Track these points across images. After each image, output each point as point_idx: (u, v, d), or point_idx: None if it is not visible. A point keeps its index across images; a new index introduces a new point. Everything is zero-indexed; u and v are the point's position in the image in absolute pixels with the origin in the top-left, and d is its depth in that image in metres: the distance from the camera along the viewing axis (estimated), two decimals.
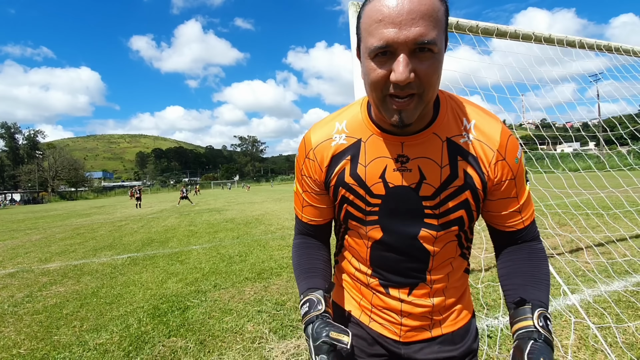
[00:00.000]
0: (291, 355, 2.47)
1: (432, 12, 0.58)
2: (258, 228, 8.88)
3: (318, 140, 0.80)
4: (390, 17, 0.57)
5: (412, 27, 0.57)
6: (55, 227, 12.27)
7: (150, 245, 7.41)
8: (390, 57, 0.60)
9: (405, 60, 0.58)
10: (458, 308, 0.86)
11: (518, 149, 0.76)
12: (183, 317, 3.25)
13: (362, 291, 0.88)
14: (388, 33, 0.58)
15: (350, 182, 0.78)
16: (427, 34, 0.57)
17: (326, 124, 0.82)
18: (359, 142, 0.77)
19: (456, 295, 0.86)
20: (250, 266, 4.99)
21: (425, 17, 0.57)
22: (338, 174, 0.79)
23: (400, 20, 0.57)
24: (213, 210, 15.36)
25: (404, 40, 0.57)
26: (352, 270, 0.89)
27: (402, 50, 0.58)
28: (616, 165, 4.22)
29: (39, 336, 3.03)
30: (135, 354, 2.62)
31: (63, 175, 68.97)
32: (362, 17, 0.64)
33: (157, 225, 11.09)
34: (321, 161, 0.80)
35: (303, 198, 0.88)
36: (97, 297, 4.02)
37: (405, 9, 0.57)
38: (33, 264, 6.18)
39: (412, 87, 0.61)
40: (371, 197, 0.77)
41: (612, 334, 2.42)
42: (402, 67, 0.58)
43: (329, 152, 0.79)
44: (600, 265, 3.79)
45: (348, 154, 0.78)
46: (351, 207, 0.80)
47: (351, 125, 0.79)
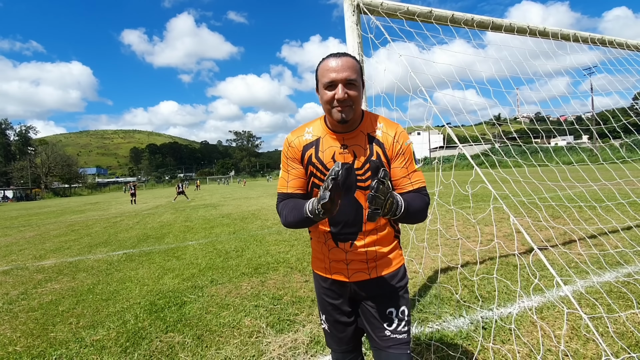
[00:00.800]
0: (288, 349, 2.49)
1: (352, 66, 1.16)
2: (254, 223, 8.88)
3: (295, 137, 1.31)
4: (332, 67, 1.15)
5: (343, 72, 1.14)
6: (49, 224, 12.17)
7: (146, 241, 7.38)
8: (334, 87, 1.15)
9: (341, 87, 1.14)
10: (388, 258, 1.31)
11: (407, 138, 1.27)
12: (180, 313, 3.25)
13: (323, 250, 1.34)
14: (332, 75, 1.15)
15: (315, 162, 1.27)
16: (350, 75, 1.15)
17: (299, 129, 1.33)
18: (319, 138, 1.28)
19: (386, 249, 1.30)
20: (246, 261, 5.00)
21: (349, 68, 1.15)
22: (308, 156, 1.28)
23: (337, 69, 1.14)
24: (209, 206, 15.31)
25: (341, 78, 1.14)
26: (317, 236, 1.35)
27: (341, 82, 1.15)
28: (609, 158, 4.26)
29: (35, 333, 3.02)
30: (133, 349, 2.62)
31: (56, 171, 68.19)
32: (317, 70, 1.22)
33: (152, 221, 11.04)
34: (298, 147, 1.30)
35: (288, 175, 1.31)
36: (93, 294, 4.00)
37: (340, 63, 1.15)
38: (27, 261, 6.13)
39: (347, 102, 1.15)
40: (326, 170, 1.25)
41: (604, 324, 2.47)
42: (340, 91, 1.14)
43: (301, 143, 1.30)
44: (593, 257, 3.85)
45: (313, 144, 1.28)
46: (315, 178, 1.28)
47: (315, 129, 1.31)
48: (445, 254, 4.63)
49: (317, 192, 1.26)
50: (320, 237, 1.34)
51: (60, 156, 70.89)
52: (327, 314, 1.40)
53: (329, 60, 1.17)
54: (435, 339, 2.40)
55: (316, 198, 1.08)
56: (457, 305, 2.96)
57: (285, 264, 4.68)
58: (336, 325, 1.38)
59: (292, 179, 1.30)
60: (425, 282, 3.54)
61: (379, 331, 1.29)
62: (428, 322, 2.71)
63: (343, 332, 1.38)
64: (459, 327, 2.58)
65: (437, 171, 2.18)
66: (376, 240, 1.28)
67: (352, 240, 1.26)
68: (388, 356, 1.27)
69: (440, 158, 13.65)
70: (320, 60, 1.24)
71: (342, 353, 1.42)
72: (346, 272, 1.30)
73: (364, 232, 1.26)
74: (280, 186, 1.32)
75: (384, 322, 1.28)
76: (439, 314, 2.83)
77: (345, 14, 2.47)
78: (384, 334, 1.28)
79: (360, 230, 1.25)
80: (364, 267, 1.28)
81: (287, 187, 1.30)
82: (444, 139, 44.76)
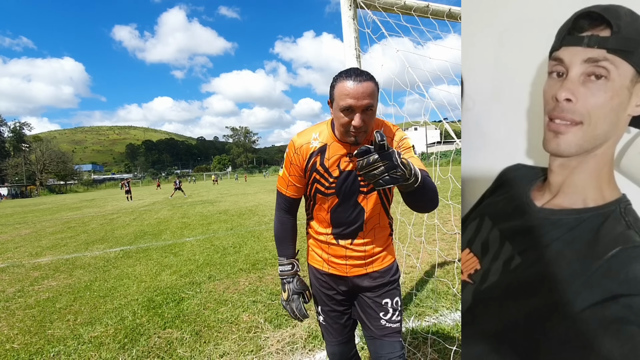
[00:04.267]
0: (286, 343, 2.51)
1: (372, 92, 1.13)
2: (252, 219, 8.88)
3: (301, 144, 1.33)
4: (352, 93, 1.11)
5: (363, 100, 1.12)
6: (45, 221, 12.09)
7: (143, 237, 7.36)
8: (352, 112, 1.14)
9: (359, 116, 1.13)
10: (383, 254, 1.38)
11: (403, 134, 1.32)
12: (178, 309, 3.26)
13: (322, 247, 1.40)
14: (351, 101, 1.11)
15: (319, 168, 1.30)
16: (370, 102, 1.13)
17: (306, 134, 1.34)
18: (326, 145, 1.29)
19: (382, 246, 1.37)
20: (244, 257, 5.01)
21: (369, 95, 1.12)
22: (313, 163, 1.31)
23: (357, 96, 1.11)
24: (206, 202, 15.28)
25: (360, 105, 1.12)
26: (316, 234, 1.41)
27: (358, 110, 1.13)
28: None
29: (33, 330, 3.02)
30: (131, 345, 2.63)
31: (51, 168, 67.57)
32: (335, 87, 1.18)
33: (149, 217, 11.00)
34: (304, 155, 1.32)
35: (289, 179, 1.37)
36: (90, 291, 4.00)
37: (360, 90, 1.11)
38: (24, 258, 6.10)
39: (363, 128, 1.15)
40: (331, 177, 1.29)
41: None
42: (358, 120, 1.13)
43: (308, 150, 1.31)
44: None
45: (319, 151, 1.30)
46: (318, 184, 1.32)
47: (322, 136, 1.31)
48: (442, 248, 4.66)
49: (319, 197, 1.33)
50: (320, 235, 1.40)
51: (55, 153, 70.21)
52: (322, 304, 1.47)
53: (348, 82, 1.12)
54: (432, 333, 2.43)
55: (291, 276, 1.43)
56: (454, 299, 2.99)
57: None
58: (332, 315, 1.46)
59: (291, 184, 1.37)
60: (423, 276, 3.56)
61: (375, 321, 1.37)
62: (425, 316, 2.74)
63: (338, 321, 1.46)
64: (455, 321, 2.61)
65: (435, 166, 2.19)
66: (374, 239, 1.35)
67: (352, 239, 1.34)
68: (383, 344, 1.36)
69: (438, 153, 13.65)
70: (339, 75, 1.18)
71: (338, 345, 1.48)
72: (344, 268, 1.37)
73: (364, 232, 1.33)
74: (279, 184, 1.41)
75: (380, 312, 1.37)
76: (436, 307, 2.86)
77: (342, 9, 2.45)
78: (380, 323, 1.37)
79: (361, 230, 1.33)
80: (361, 263, 1.36)
81: (286, 190, 1.39)
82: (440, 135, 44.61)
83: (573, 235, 0.87)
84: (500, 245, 1.04)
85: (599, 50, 0.79)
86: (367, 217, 1.31)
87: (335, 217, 1.33)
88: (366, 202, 1.30)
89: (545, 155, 0.93)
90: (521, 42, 0.96)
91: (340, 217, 1.32)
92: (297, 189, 1.38)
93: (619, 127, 0.81)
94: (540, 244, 0.93)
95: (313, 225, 1.43)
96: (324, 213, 1.35)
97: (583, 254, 0.85)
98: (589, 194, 0.86)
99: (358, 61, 2.46)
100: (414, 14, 2.73)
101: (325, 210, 1.34)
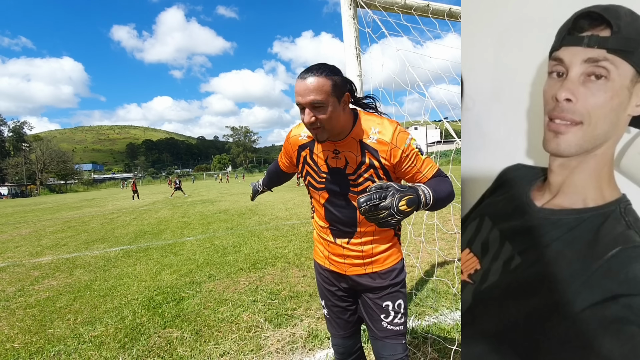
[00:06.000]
0: (286, 343, 2.51)
1: (318, 87, 1.09)
2: (252, 219, 8.88)
3: (294, 134, 1.39)
4: (297, 90, 1.12)
5: (308, 96, 1.10)
6: (45, 221, 12.10)
7: (143, 237, 7.36)
8: (303, 109, 1.13)
9: (307, 111, 1.12)
10: (384, 256, 1.34)
11: (406, 138, 1.22)
12: (178, 308, 3.26)
13: (323, 243, 1.42)
14: (298, 98, 1.12)
15: (310, 162, 1.34)
16: (315, 98, 1.09)
17: (301, 126, 1.37)
18: (313, 140, 1.31)
19: (383, 247, 1.33)
20: (244, 257, 5.01)
21: (314, 91, 1.09)
22: (303, 156, 1.37)
23: (301, 92, 1.11)
24: (206, 202, 15.28)
25: (305, 102, 1.11)
26: (318, 228, 1.43)
27: (306, 107, 1.12)
28: None
29: (33, 330, 3.02)
30: (131, 345, 2.63)
31: (51, 167, 67.61)
32: None
33: (149, 217, 11.01)
34: (294, 145, 1.39)
35: (283, 155, 1.52)
36: (90, 290, 4.00)
37: (303, 87, 1.10)
38: (24, 258, 6.11)
39: (315, 125, 1.14)
40: (320, 172, 1.31)
41: None
42: (306, 116, 1.12)
43: (297, 142, 1.38)
44: None
45: (307, 146, 1.35)
46: (310, 177, 1.35)
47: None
48: (442, 248, 4.66)
49: (312, 190, 1.38)
50: (321, 230, 1.41)
51: (55, 152, 70.25)
52: (325, 299, 1.49)
53: (297, 82, 1.14)
54: (432, 332, 2.43)
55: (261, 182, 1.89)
56: (454, 298, 2.99)
57: (282, 259, 4.69)
58: (334, 310, 1.47)
59: (283, 161, 1.56)
60: (422, 276, 3.57)
61: (376, 322, 1.36)
62: (425, 316, 2.74)
63: (341, 317, 1.47)
64: (455, 320, 2.61)
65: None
66: (373, 240, 1.32)
67: (349, 238, 1.33)
68: (384, 345, 1.35)
69: (438, 153, 13.68)
70: None
71: (342, 338, 1.49)
72: (343, 267, 1.37)
73: (359, 232, 1.30)
74: (280, 155, 1.59)
75: (381, 314, 1.35)
76: (436, 307, 2.86)
77: (342, 8, 2.45)
78: (381, 325, 1.35)
79: (356, 229, 1.30)
80: (359, 263, 1.34)
81: (279, 161, 1.60)
82: (441, 134, 44.74)
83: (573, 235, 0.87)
84: (500, 245, 1.04)
85: (599, 50, 0.79)
86: (360, 217, 1.27)
87: (328, 212, 1.34)
88: (355, 199, 1.27)
89: (545, 155, 0.93)
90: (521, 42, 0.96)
91: (333, 213, 1.32)
92: (287, 166, 1.55)
93: (619, 127, 0.81)
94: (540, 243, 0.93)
95: (315, 217, 1.44)
96: (319, 206, 1.37)
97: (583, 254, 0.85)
98: (588, 194, 0.86)
99: (358, 60, 2.45)
100: (414, 13, 2.73)
101: (320, 204, 1.36)
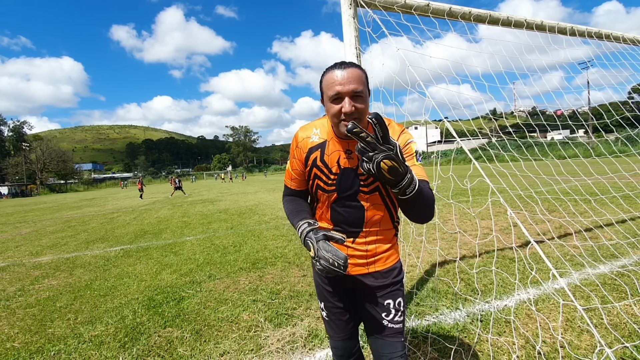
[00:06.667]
0: (286, 342, 2.51)
1: (359, 77, 1.15)
2: (252, 218, 8.88)
3: (303, 137, 1.35)
4: (338, 80, 1.14)
5: (349, 84, 1.13)
6: (45, 220, 12.09)
7: (144, 237, 7.36)
8: (341, 99, 1.15)
9: (348, 100, 1.14)
10: (386, 255, 1.37)
11: (408, 139, 1.27)
12: (178, 308, 3.26)
13: None
14: (338, 87, 1.13)
15: (319, 164, 1.32)
16: (357, 87, 1.14)
17: (308, 128, 1.36)
18: (325, 141, 1.31)
19: (385, 246, 1.36)
20: (244, 256, 5.01)
21: (355, 80, 1.14)
22: (313, 159, 1.33)
23: (343, 82, 1.13)
24: (206, 201, 15.28)
25: (347, 90, 1.13)
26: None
27: (346, 95, 1.14)
28: (602, 153, 4.30)
29: (33, 329, 3.02)
30: (132, 344, 2.63)
31: (51, 167, 67.51)
32: (322, 81, 1.22)
33: (149, 216, 11.00)
34: (304, 149, 1.35)
35: (292, 173, 1.42)
36: (90, 290, 4.00)
37: (345, 75, 1.14)
38: (24, 257, 6.11)
39: (354, 115, 1.14)
40: (331, 174, 1.30)
41: (598, 315, 2.50)
42: (347, 105, 1.13)
43: (307, 145, 1.34)
44: (588, 249, 3.88)
45: (319, 147, 1.32)
46: (319, 180, 1.33)
47: (322, 131, 1.33)
48: (442, 247, 4.66)
49: (320, 193, 1.34)
50: None
51: (56, 152, 70.14)
52: (325, 301, 1.48)
53: (334, 72, 1.16)
54: (432, 332, 2.43)
55: (311, 230, 1.21)
56: (454, 298, 2.99)
57: (283, 259, 4.69)
58: (334, 311, 1.46)
59: (294, 177, 1.42)
60: (423, 275, 3.56)
61: (376, 321, 1.38)
62: (425, 315, 2.74)
63: (341, 318, 1.47)
64: (455, 320, 2.61)
65: (436, 165, 2.18)
66: (377, 239, 1.34)
67: (354, 237, 1.33)
68: (384, 344, 1.36)
69: (438, 152, 13.68)
70: (325, 70, 1.22)
71: (341, 340, 1.49)
72: None
73: (365, 232, 1.33)
74: (286, 177, 1.47)
75: (382, 312, 1.36)
76: (436, 306, 2.85)
77: (342, 7, 2.45)
78: (382, 323, 1.37)
79: (363, 229, 1.32)
80: (363, 262, 1.35)
81: (291, 183, 1.45)
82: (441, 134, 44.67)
83: None
84: None
85: None
86: (368, 217, 1.30)
87: (335, 214, 1.33)
88: (367, 202, 1.29)
89: None
90: None
91: (340, 214, 1.32)
92: (300, 182, 1.42)
93: None
94: None
95: (317, 219, 1.43)
96: (324, 209, 1.36)
97: None
98: None
99: (358, 60, 2.45)
100: (414, 13, 2.73)
101: (326, 207, 1.35)
